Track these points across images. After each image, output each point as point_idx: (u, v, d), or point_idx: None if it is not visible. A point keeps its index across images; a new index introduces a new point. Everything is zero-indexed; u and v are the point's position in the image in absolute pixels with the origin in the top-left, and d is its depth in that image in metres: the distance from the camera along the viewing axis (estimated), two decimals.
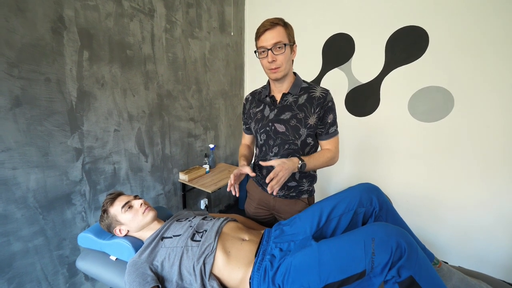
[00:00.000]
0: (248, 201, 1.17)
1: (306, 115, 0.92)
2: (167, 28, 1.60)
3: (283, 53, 0.85)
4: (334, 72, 1.93)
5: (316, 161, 0.92)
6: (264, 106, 1.00)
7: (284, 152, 0.96)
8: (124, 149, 1.46)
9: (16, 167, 1.04)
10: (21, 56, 1.00)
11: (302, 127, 0.92)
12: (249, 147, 1.17)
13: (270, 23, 0.83)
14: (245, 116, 1.11)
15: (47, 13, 1.06)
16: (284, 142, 0.95)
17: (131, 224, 0.92)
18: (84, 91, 1.23)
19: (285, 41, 0.84)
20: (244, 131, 1.16)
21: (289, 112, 0.93)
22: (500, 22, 1.35)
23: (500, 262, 1.58)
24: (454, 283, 0.79)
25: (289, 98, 0.94)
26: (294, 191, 1.01)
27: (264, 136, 0.99)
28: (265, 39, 0.84)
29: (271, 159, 0.98)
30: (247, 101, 1.09)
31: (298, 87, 0.94)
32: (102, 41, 1.27)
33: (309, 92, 0.93)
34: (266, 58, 0.86)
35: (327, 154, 0.95)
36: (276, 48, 0.84)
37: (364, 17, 1.73)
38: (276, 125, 0.95)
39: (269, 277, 0.72)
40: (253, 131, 1.05)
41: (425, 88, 1.60)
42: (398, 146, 1.78)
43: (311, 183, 1.04)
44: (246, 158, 1.07)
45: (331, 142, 0.96)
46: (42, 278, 1.19)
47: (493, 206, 1.54)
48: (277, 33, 0.83)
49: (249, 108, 1.07)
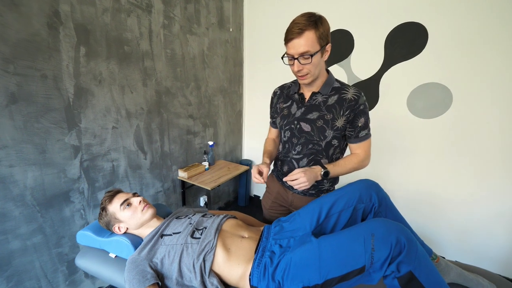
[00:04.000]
0: (266, 194, 1.16)
1: (334, 117, 0.89)
2: (165, 24, 1.58)
3: (310, 63, 0.81)
4: (333, 69, 1.92)
5: (342, 168, 0.90)
6: (292, 102, 0.98)
7: (307, 151, 0.94)
8: (122, 147, 1.45)
9: (13, 164, 1.03)
10: (16, 52, 0.99)
11: (329, 129, 0.90)
12: (274, 141, 1.13)
13: (298, 30, 0.77)
14: (272, 110, 1.09)
15: (43, 7, 1.04)
16: (308, 142, 0.93)
17: (130, 222, 0.92)
18: (81, 87, 1.21)
19: (314, 49, 0.79)
20: (271, 124, 1.13)
21: (317, 112, 0.91)
22: (499, 18, 1.34)
23: (497, 257, 1.60)
24: (452, 278, 0.80)
25: (318, 98, 0.92)
26: (313, 189, 1.00)
27: (289, 133, 0.97)
28: (292, 47, 0.80)
29: (294, 157, 0.97)
30: (275, 94, 1.06)
31: (329, 86, 0.91)
32: (99, 37, 1.25)
33: (341, 93, 0.89)
34: (293, 65, 0.83)
35: (354, 159, 0.92)
36: (303, 58, 0.80)
37: (363, 13, 1.72)
38: (302, 123, 0.93)
39: (269, 273, 0.73)
40: (278, 126, 1.03)
41: (424, 85, 1.60)
42: (396, 143, 1.79)
43: (333, 184, 1.03)
44: (270, 154, 1.04)
45: (361, 146, 0.92)
46: (42, 276, 1.19)
47: (491, 201, 1.55)
48: (305, 41, 0.77)
49: (277, 103, 1.04)
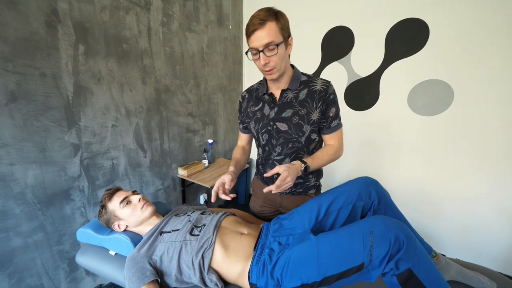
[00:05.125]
0: (253, 199, 1.14)
1: (308, 111, 0.87)
2: (163, 21, 1.57)
3: (276, 54, 0.77)
4: (333, 66, 1.91)
5: (320, 160, 0.89)
6: (263, 104, 0.95)
7: (288, 151, 0.93)
8: (122, 145, 1.45)
9: (14, 163, 1.04)
10: (15, 51, 0.99)
11: (305, 124, 0.88)
12: (244, 149, 1.11)
13: (259, 21, 0.74)
14: (241, 115, 1.04)
15: (41, 6, 1.04)
16: (287, 141, 0.91)
17: (129, 219, 0.92)
18: (81, 86, 1.21)
19: (278, 40, 0.76)
20: (241, 130, 1.09)
21: (290, 109, 0.89)
22: (501, 15, 1.33)
23: (497, 254, 1.59)
24: (452, 275, 0.79)
25: (289, 94, 0.90)
26: (301, 187, 0.98)
27: (266, 136, 0.95)
28: (255, 40, 0.76)
29: (275, 159, 0.95)
30: (243, 99, 1.03)
31: (297, 81, 0.89)
32: (97, 35, 1.25)
33: (310, 86, 0.88)
34: (258, 60, 0.80)
35: (330, 150, 0.91)
36: (268, 50, 0.77)
37: (363, 10, 1.70)
38: (278, 124, 0.91)
39: (268, 271, 0.73)
40: (254, 131, 1.00)
41: (425, 82, 1.59)
42: (397, 140, 1.78)
43: (318, 178, 1.02)
44: (237, 162, 1.01)
45: (334, 136, 0.92)
46: (43, 273, 1.19)
47: (492, 199, 1.54)
48: (267, 31, 0.74)
49: (246, 107, 1.01)
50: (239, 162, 1.01)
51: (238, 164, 0.99)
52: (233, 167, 0.95)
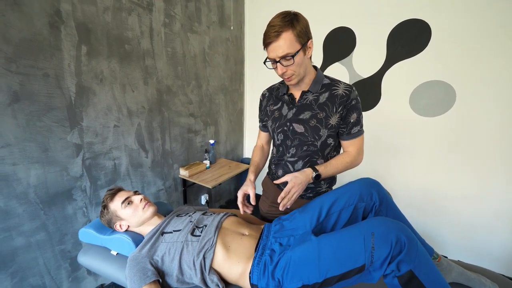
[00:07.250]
0: (262, 198, 1.13)
1: (327, 115, 0.86)
2: (166, 22, 1.58)
3: (293, 63, 0.78)
4: (335, 67, 1.91)
5: (334, 168, 0.87)
6: (282, 104, 0.95)
7: (302, 153, 0.91)
8: (124, 145, 1.46)
9: (16, 163, 1.04)
10: (18, 51, 0.99)
11: (323, 128, 0.87)
12: (263, 149, 1.11)
13: (274, 33, 0.74)
14: (261, 113, 1.05)
15: (44, 7, 1.04)
16: (302, 143, 0.90)
17: (131, 219, 0.92)
18: (83, 86, 1.22)
19: (294, 50, 0.75)
20: (260, 128, 1.10)
21: (309, 111, 0.88)
22: (503, 16, 1.32)
23: (499, 256, 1.58)
24: (454, 277, 0.79)
25: (309, 97, 0.89)
26: (311, 191, 0.97)
27: (282, 136, 0.94)
28: (271, 51, 0.78)
29: (288, 160, 0.95)
30: (264, 97, 1.04)
31: (319, 84, 0.88)
32: (100, 35, 1.25)
33: (331, 90, 0.86)
34: (276, 69, 0.81)
35: (346, 158, 0.90)
36: (285, 60, 0.77)
37: (365, 11, 1.70)
38: (295, 125, 0.90)
39: (269, 272, 0.73)
40: (270, 130, 1.00)
41: (427, 83, 1.58)
42: (399, 141, 1.77)
43: (330, 185, 1.00)
44: (256, 167, 1.02)
45: (353, 142, 0.90)
46: (45, 272, 1.20)
47: (494, 200, 1.54)
48: (283, 43, 0.74)
49: (266, 105, 1.01)
50: (258, 168, 1.03)
51: (257, 170, 1.02)
52: (253, 175, 0.97)
